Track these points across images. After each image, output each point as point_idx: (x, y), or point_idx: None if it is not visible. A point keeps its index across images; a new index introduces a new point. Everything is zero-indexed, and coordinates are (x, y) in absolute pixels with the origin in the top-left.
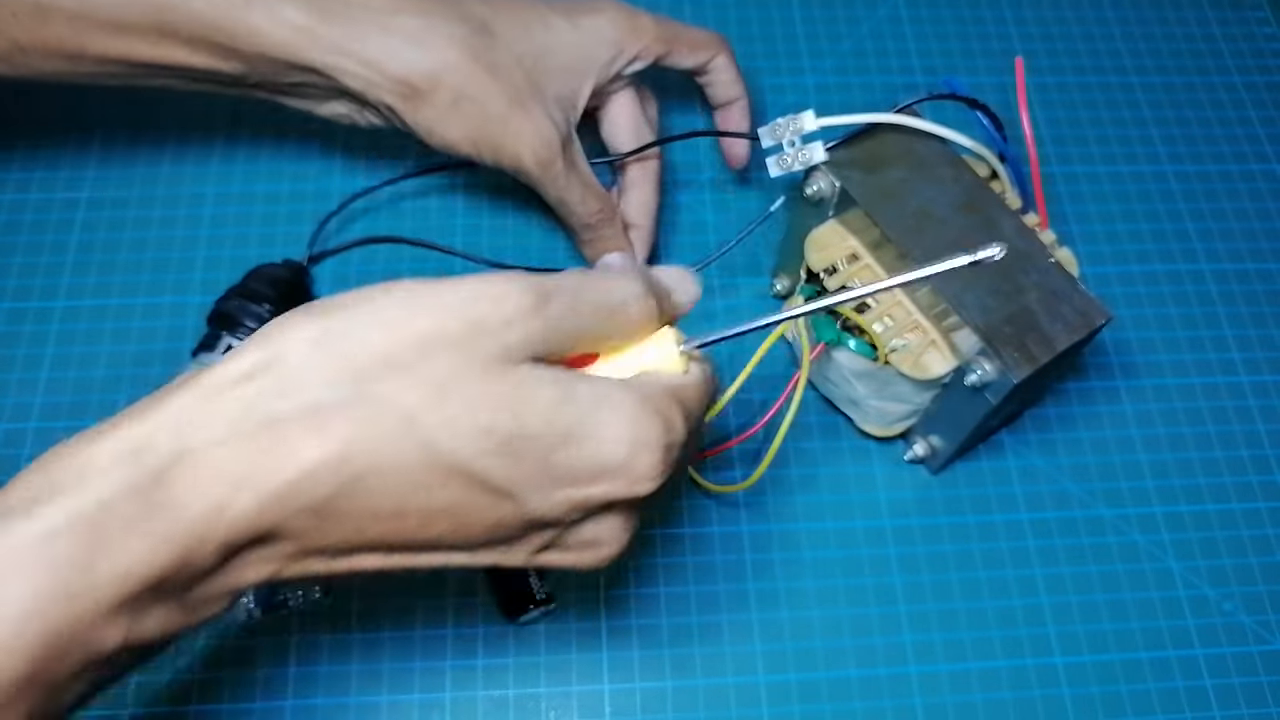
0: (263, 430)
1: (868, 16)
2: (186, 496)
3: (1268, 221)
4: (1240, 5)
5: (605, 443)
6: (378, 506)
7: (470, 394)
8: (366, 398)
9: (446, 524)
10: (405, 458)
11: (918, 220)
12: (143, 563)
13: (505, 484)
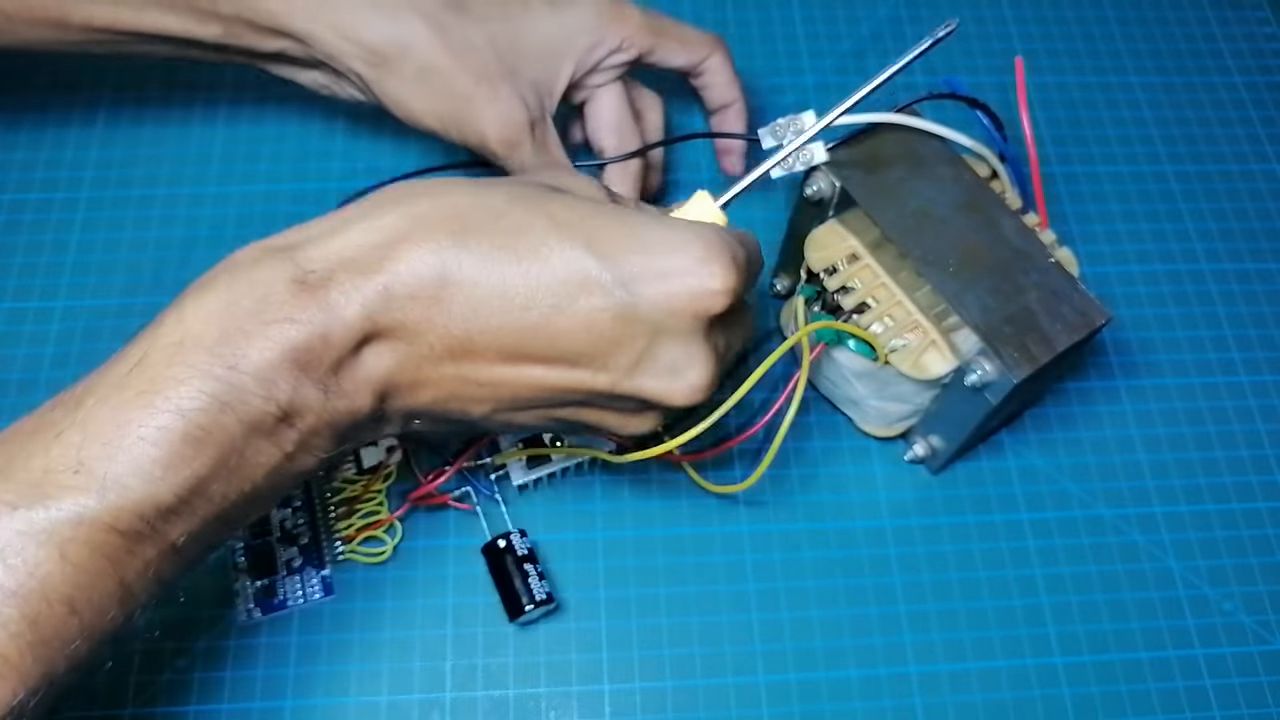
0: (381, 233)
1: (868, 16)
2: (321, 284)
3: (1268, 221)
4: (1240, 5)
5: (686, 238)
6: (486, 279)
7: (577, 214)
8: (477, 200)
9: (547, 303)
10: (507, 235)
11: (918, 220)
12: (291, 328)
13: (595, 259)
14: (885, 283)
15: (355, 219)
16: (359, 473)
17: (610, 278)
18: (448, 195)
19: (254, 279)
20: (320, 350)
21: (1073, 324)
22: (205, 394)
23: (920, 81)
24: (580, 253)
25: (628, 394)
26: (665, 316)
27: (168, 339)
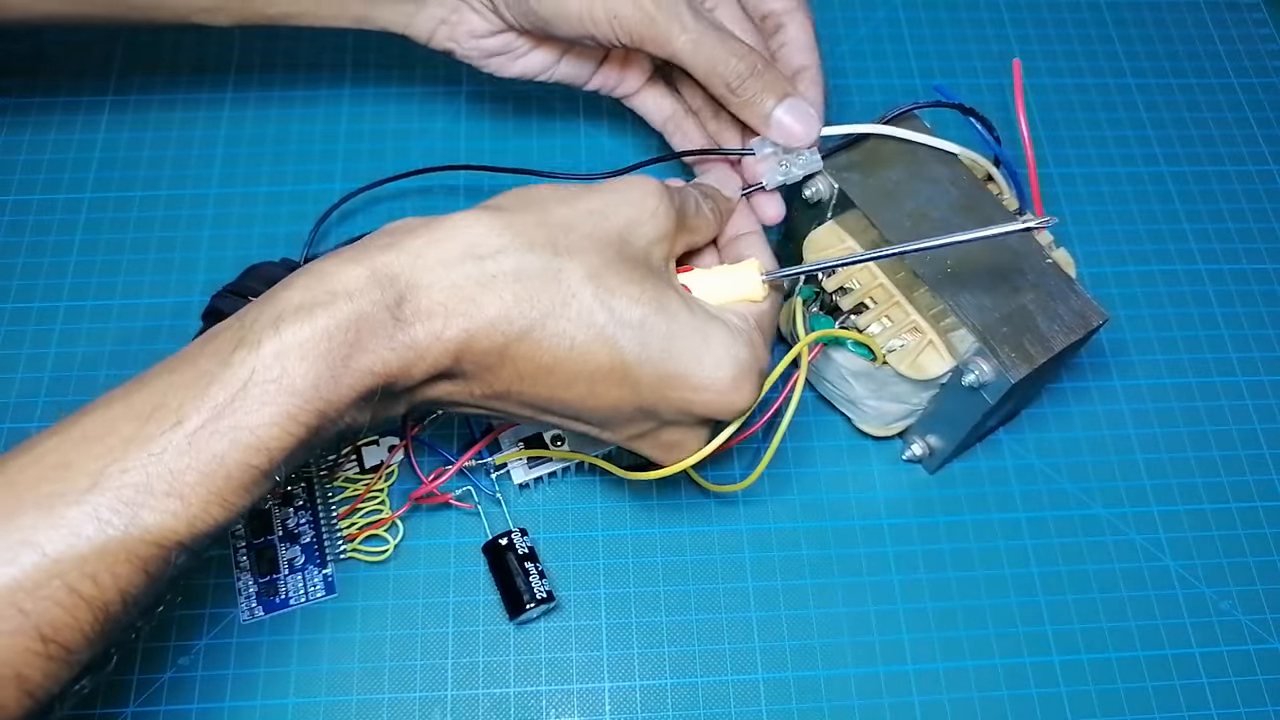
0: (477, 282)
1: (866, 19)
2: (415, 319)
3: (1264, 222)
4: (1237, 7)
5: (719, 361)
6: (539, 359)
7: (625, 284)
8: (552, 271)
9: (583, 389)
10: (570, 323)
11: (915, 221)
12: (380, 365)
13: (634, 365)
14: (883, 283)
15: (467, 248)
16: (361, 472)
17: (645, 380)
18: (555, 256)
19: (355, 311)
20: (399, 384)
21: (1070, 324)
22: (293, 436)
23: (918, 84)
24: (626, 357)
25: (626, 449)
26: (679, 415)
27: (267, 375)
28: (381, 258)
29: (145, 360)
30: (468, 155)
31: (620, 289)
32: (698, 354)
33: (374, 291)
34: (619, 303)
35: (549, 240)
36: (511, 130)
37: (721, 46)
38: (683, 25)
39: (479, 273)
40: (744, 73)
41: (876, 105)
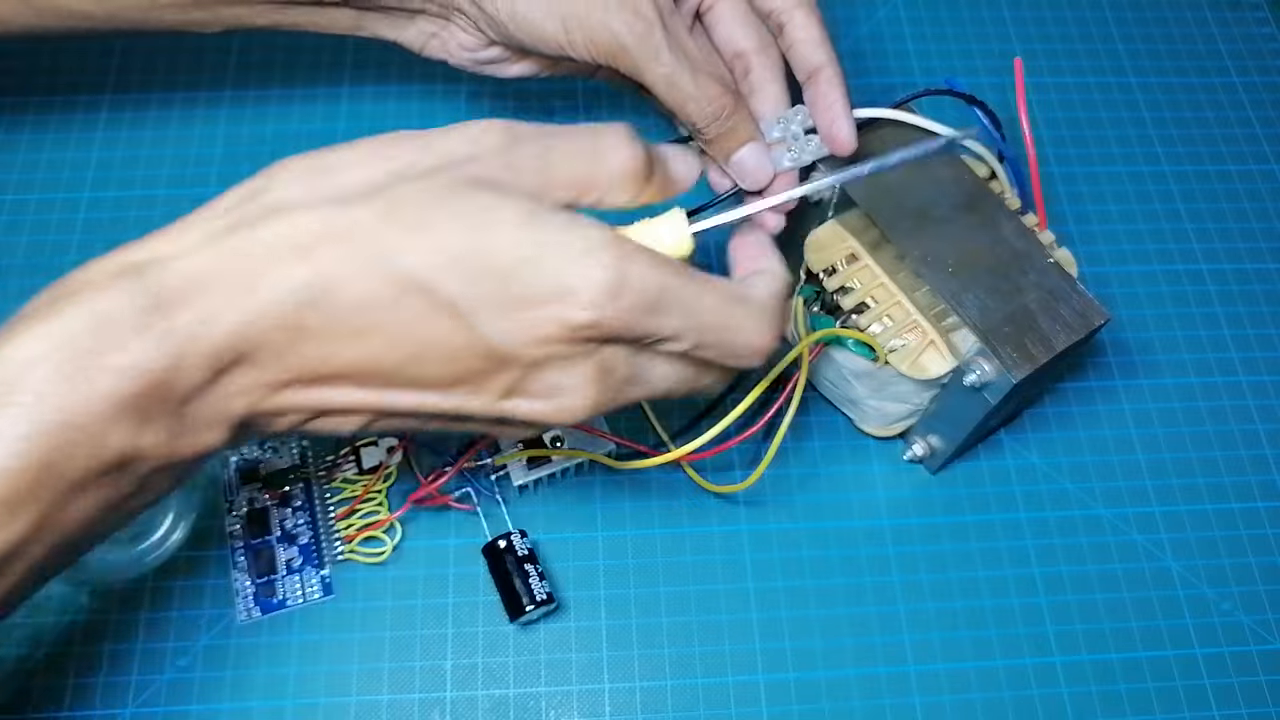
0: (245, 252)
1: (867, 17)
2: (178, 308)
3: (1266, 222)
4: (1239, 5)
5: (563, 262)
6: (345, 323)
7: (432, 216)
8: (336, 220)
9: (410, 347)
10: (368, 273)
11: (917, 220)
12: (140, 363)
13: (461, 303)
14: (884, 283)
15: (236, 222)
16: (359, 473)
17: (481, 312)
18: (330, 209)
19: (98, 309)
20: (167, 389)
21: (1071, 324)
22: (30, 453)
23: (919, 82)
24: (446, 291)
25: (501, 417)
26: (533, 346)
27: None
28: (139, 251)
29: None
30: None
31: (438, 222)
32: (556, 267)
33: (125, 283)
34: (432, 236)
35: (339, 193)
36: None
37: (693, 86)
38: (658, 60)
39: (250, 242)
40: (711, 116)
41: (877, 103)
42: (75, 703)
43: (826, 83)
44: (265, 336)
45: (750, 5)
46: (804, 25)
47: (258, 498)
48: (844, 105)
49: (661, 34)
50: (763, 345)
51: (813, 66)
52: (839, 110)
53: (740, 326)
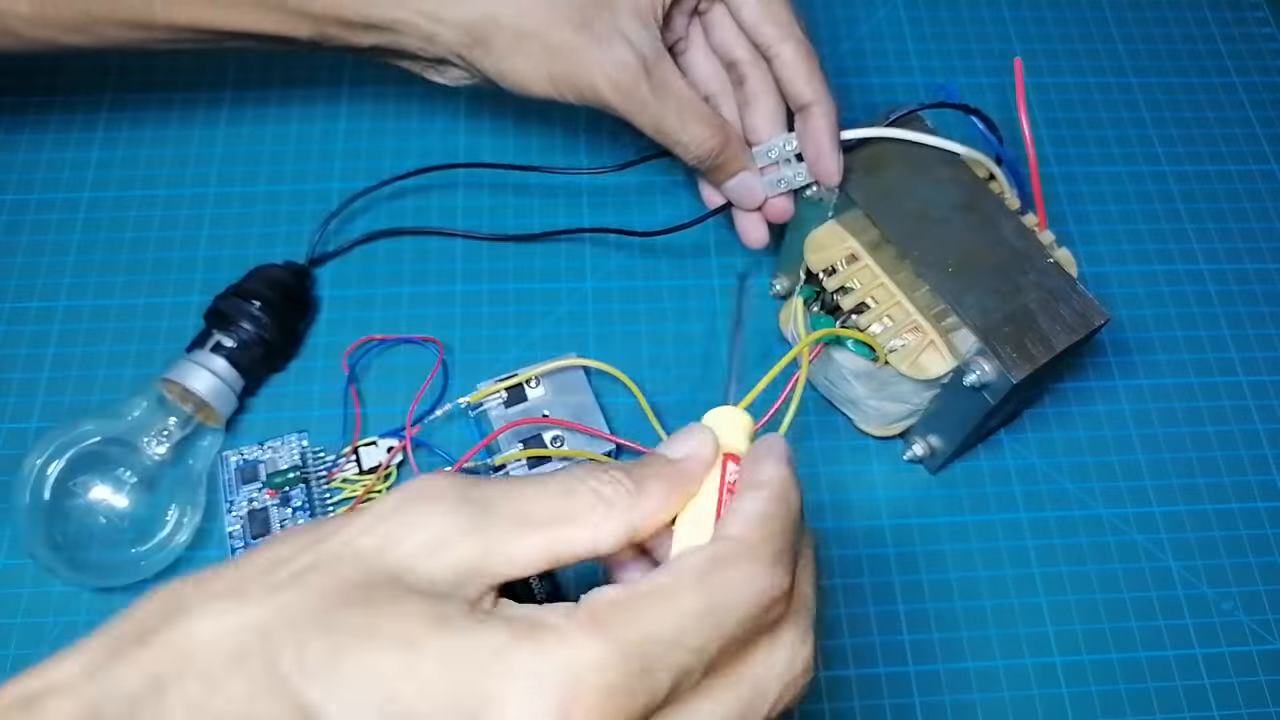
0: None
1: (867, 17)
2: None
3: (1266, 222)
4: (1239, 5)
5: (455, 711)
6: None
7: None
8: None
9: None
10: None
11: (917, 221)
12: None
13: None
14: (884, 283)
15: (133, 641)
16: (359, 473)
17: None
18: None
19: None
20: None
21: (1071, 324)
22: None
23: (919, 82)
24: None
25: None
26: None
27: None
28: (33, 673)
29: (143, 360)
30: (467, 154)
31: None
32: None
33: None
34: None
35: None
36: (511, 129)
37: (682, 133)
38: (645, 111)
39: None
40: (699, 158)
41: (877, 104)
42: None
43: (815, 118)
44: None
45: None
46: (793, 62)
47: (258, 498)
48: (831, 141)
49: (647, 87)
50: (772, 593)
51: (803, 102)
52: (825, 147)
53: (735, 602)
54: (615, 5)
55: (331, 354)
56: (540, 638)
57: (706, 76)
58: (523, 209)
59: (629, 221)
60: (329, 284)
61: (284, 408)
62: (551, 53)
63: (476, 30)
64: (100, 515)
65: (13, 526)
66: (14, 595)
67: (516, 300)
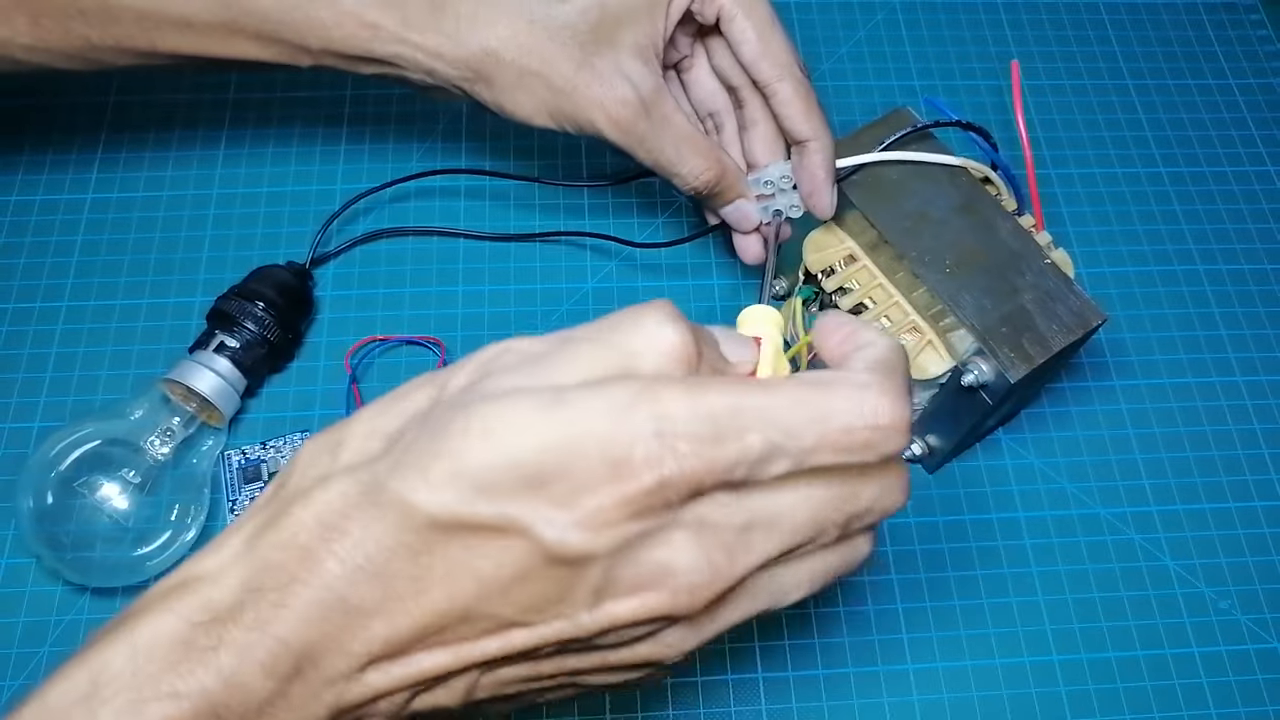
0: (278, 550)
1: (864, 21)
2: (226, 624)
3: (1261, 223)
4: (1234, 9)
5: (594, 436)
6: (395, 586)
7: (442, 445)
8: (352, 485)
9: (470, 586)
10: (399, 526)
11: (915, 222)
12: (195, 687)
13: (501, 519)
14: (882, 284)
15: (264, 523)
16: None
17: (513, 521)
18: (327, 484)
19: (146, 636)
20: (230, 709)
21: (1068, 324)
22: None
23: (917, 85)
24: (473, 510)
25: (606, 626)
26: (602, 535)
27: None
28: (183, 567)
29: (146, 360)
30: (469, 155)
31: (450, 448)
32: (589, 444)
33: (165, 606)
34: (445, 464)
35: (355, 458)
36: (514, 131)
37: (680, 165)
38: (644, 146)
39: (278, 540)
40: (697, 189)
41: (875, 107)
42: None
43: (812, 154)
44: (319, 629)
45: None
46: (790, 100)
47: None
48: (827, 177)
49: (646, 124)
50: (886, 417)
51: (800, 138)
52: (821, 182)
53: (842, 409)
54: (616, 43)
55: (334, 354)
56: (655, 392)
57: (710, 93)
58: (524, 212)
59: (630, 224)
60: (332, 284)
61: (286, 408)
62: (553, 90)
63: (477, 67)
64: (104, 515)
65: (17, 526)
66: (17, 594)
67: (517, 301)
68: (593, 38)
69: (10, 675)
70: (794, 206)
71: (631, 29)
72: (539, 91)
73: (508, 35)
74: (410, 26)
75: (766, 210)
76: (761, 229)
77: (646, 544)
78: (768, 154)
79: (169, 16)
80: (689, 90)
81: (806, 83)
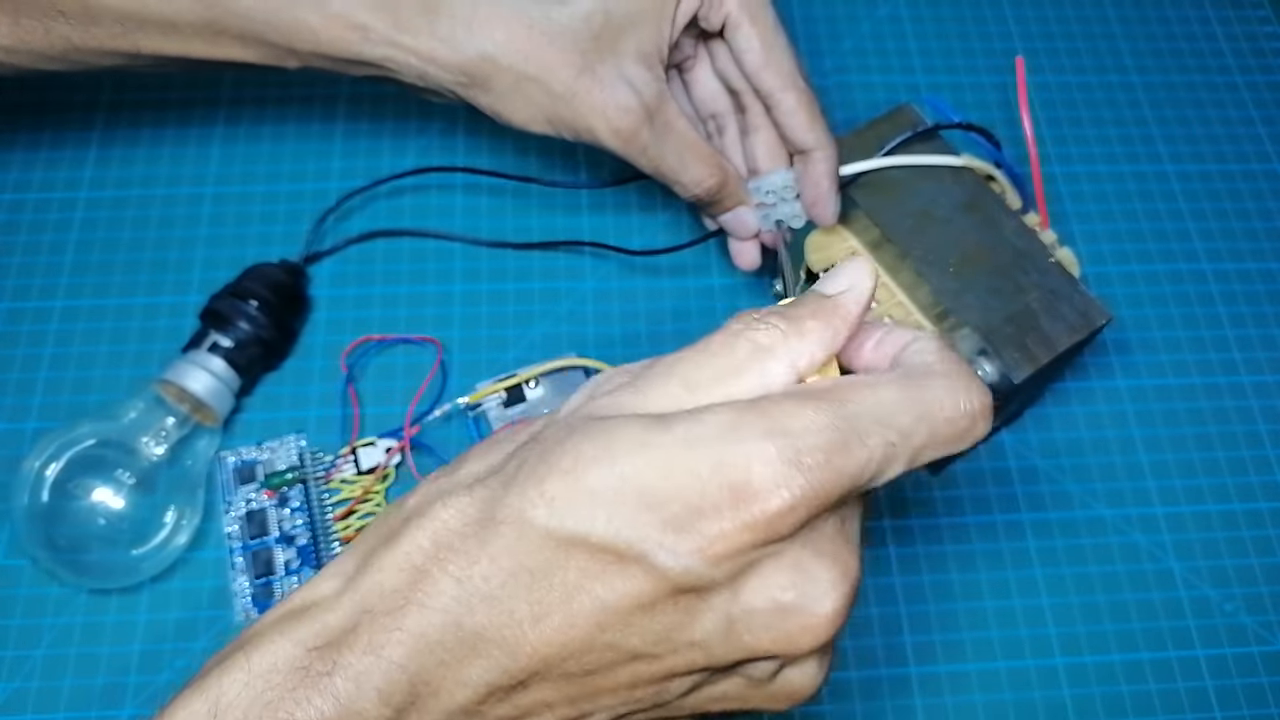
0: (388, 580)
1: (868, 15)
2: (341, 650)
3: (1269, 221)
4: (1241, 4)
5: (713, 460)
6: (513, 610)
7: (557, 463)
8: (465, 508)
9: (592, 614)
10: (513, 547)
11: (918, 220)
12: (312, 715)
13: (620, 543)
14: (885, 283)
15: (370, 552)
16: (358, 474)
17: (633, 546)
18: (448, 503)
19: (264, 662)
20: None
21: (1073, 324)
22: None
23: (920, 81)
24: (592, 529)
25: (743, 657)
26: (727, 561)
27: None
28: (294, 595)
29: (140, 360)
30: (466, 153)
31: (565, 466)
32: (709, 468)
33: (282, 630)
34: (563, 482)
35: (460, 484)
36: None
37: (681, 174)
38: (645, 155)
39: (388, 569)
40: (698, 196)
41: (879, 102)
42: (72, 705)
43: (816, 163)
44: (435, 655)
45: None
46: (795, 110)
47: (256, 499)
48: (831, 186)
49: (648, 132)
50: (978, 402)
51: (804, 147)
52: (824, 191)
53: (942, 401)
54: (619, 49)
55: (329, 354)
56: (763, 408)
57: (712, 94)
58: (521, 210)
59: (628, 225)
60: (327, 283)
61: (281, 408)
62: (552, 97)
63: (473, 72)
64: (99, 517)
65: (11, 528)
66: (10, 596)
67: (516, 300)
68: (595, 44)
69: (4, 678)
70: (795, 216)
71: (636, 35)
72: (537, 98)
73: (505, 40)
74: (402, 29)
75: (767, 218)
76: (761, 236)
77: (776, 569)
78: (770, 160)
79: (151, 18)
80: (691, 90)
81: (810, 93)
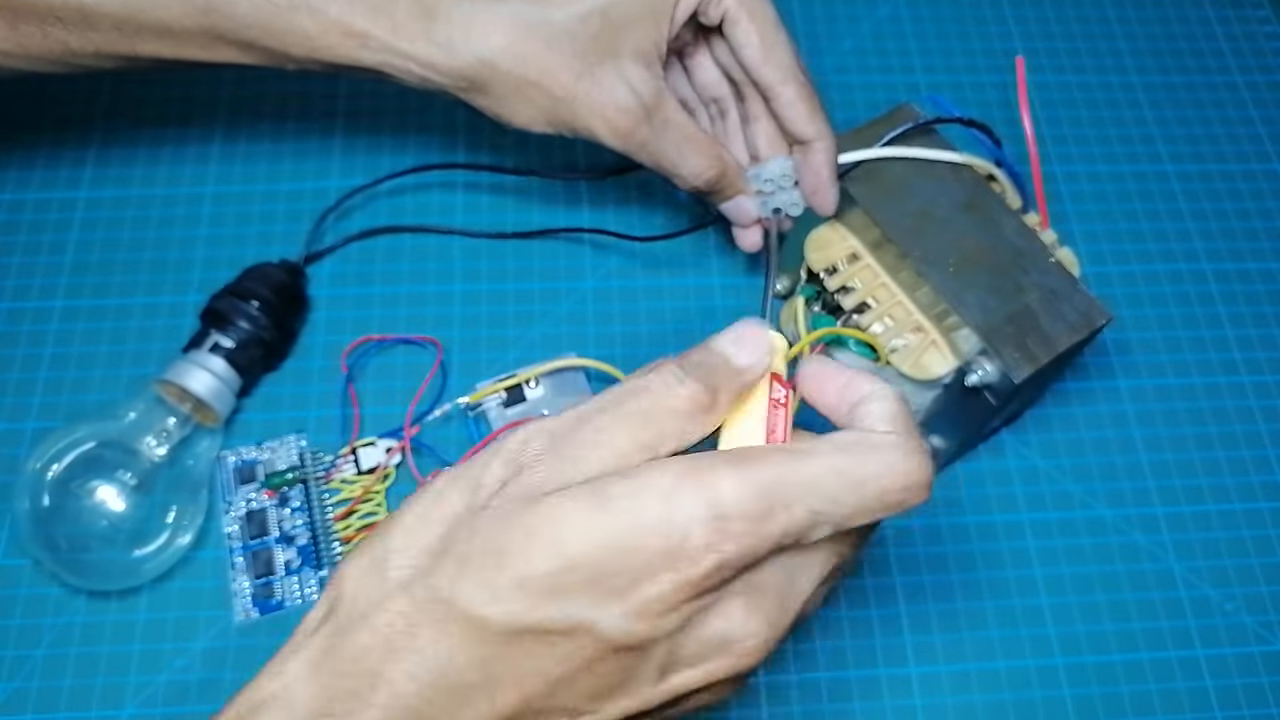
0: (347, 669)
1: (868, 15)
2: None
3: (1269, 221)
4: (1241, 4)
5: (646, 529)
6: (469, 691)
7: (500, 554)
8: (414, 603)
9: (540, 684)
10: (466, 637)
11: (918, 220)
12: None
13: (565, 620)
14: (885, 282)
15: (328, 642)
16: (358, 474)
17: (577, 620)
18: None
19: None
20: None
21: (1073, 324)
22: None
23: (921, 81)
24: (537, 614)
25: (673, 697)
26: (662, 619)
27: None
28: (249, 688)
29: (140, 360)
30: (466, 148)
31: (508, 557)
32: (642, 537)
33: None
34: (507, 573)
35: (405, 576)
36: None
37: (680, 167)
38: (644, 150)
39: (348, 658)
40: (698, 188)
41: (879, 102)
42: (73, 704)
43: (816, 154)
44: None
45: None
46: (794, 102)
47: (256, 499)
48: (830, 175)
49: (647, 129)
50: (916, 477)
51: (804, 138)
52: (824, 180)
53: (879, 475)
54: (618, 50)
55: (329, 354)
56: (699, 476)
57: (713, 81)
58: (522, 207)
59: (629, 219)
60: (327, 283)
61: (282, 408)
62: (552, 99)
63: (472, 76)
64: (101, 518)
65: (12, 529)
66: (10, 596)
67: (516, 300)
68: (593, 45)
69: (4, 678)
70: (794, 204)
71: (634, 34)
72: (537, 100)
73: (504, 44)
74: (400, 35)
75: (766, 206)
76: (761, 221)
77: (705, 618)
78: (770, 148)
79: (147, 23)
80: (692, 75)
81: (809, 85)
